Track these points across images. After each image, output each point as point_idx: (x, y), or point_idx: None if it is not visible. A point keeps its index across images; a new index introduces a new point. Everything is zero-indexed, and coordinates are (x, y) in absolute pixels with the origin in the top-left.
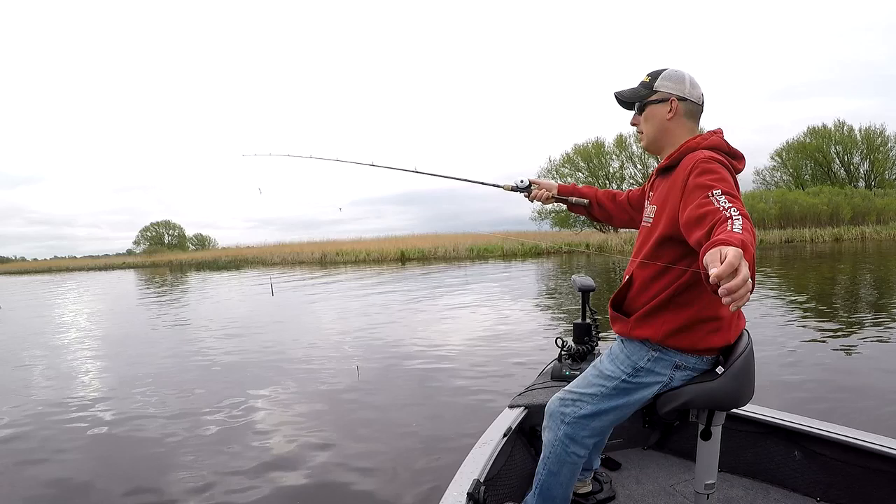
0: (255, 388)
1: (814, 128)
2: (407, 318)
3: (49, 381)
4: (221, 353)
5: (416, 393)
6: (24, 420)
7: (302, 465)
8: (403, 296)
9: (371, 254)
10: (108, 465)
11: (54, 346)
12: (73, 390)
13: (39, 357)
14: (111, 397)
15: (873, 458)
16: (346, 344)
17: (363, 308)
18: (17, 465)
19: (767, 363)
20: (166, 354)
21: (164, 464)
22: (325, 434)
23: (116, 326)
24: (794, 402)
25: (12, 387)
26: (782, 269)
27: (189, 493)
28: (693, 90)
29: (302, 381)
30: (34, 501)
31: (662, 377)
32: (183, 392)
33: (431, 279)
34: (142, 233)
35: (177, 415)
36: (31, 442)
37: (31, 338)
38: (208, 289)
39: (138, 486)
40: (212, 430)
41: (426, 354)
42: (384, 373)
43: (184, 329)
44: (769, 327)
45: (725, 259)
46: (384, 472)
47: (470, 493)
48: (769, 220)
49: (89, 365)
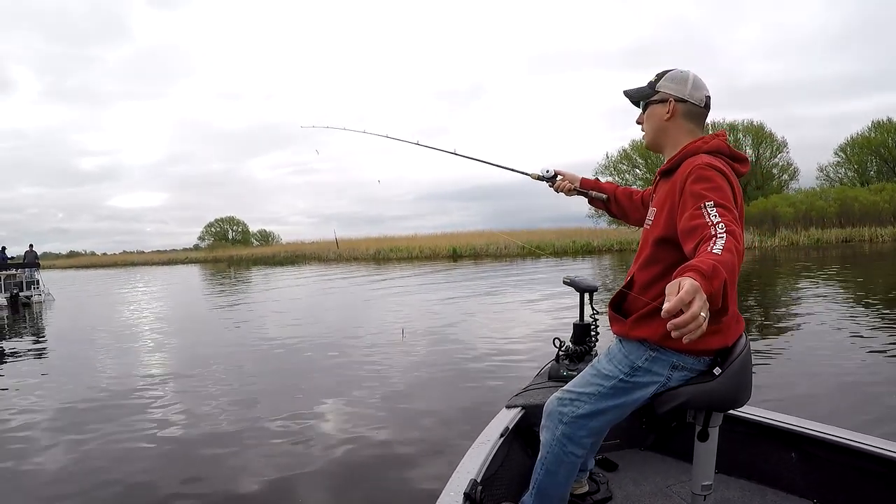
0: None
1: (878, 122)
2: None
3: (112, 368)
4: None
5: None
6: (90, 410)
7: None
8: (457, 292)
9: (424, 250)
10: (171, 454)
11: (110, 338)
12: (135, 381)
13: (103, 348)
14: (172, 390)
15: (870, 460)
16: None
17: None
18: (82, 456)
19: (834, 372)
20: (210, 344)
21: (229, 439)
22: (382, 421)
23: (159, 319)
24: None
25: (81, 377)
26: (842, 269)
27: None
28: (695, 92)
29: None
30: (99, 492)
31: (660, 377)
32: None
33: (484, 277)
34: (206, 228)
35: (238, 401)
36: (96, 432)
37: (81, 331)
38: (257, 282)
39: (202, 472)
40: (267, 416)
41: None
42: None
43: (218, 320)
44: (833, 332)
45: (679, 293)
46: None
47: (467, 493)
48: (828, 218)
49: (140, 358)
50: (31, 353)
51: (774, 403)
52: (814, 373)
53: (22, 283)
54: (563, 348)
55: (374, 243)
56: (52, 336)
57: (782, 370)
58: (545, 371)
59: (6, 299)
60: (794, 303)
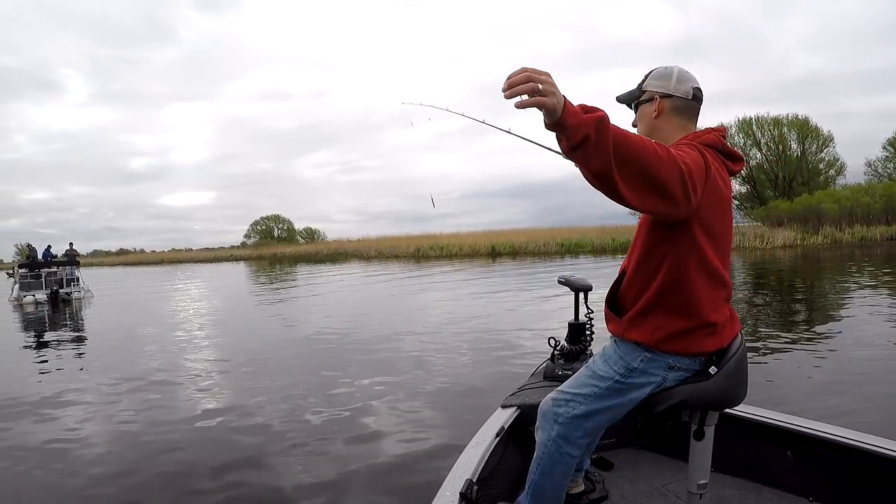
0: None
1: None
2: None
3: (146, 360)
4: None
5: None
6: (139, 401)
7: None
8: (492, 287)
9: (463, 248)
10: (215, 447)
11: (142, 332)
12: (168, 373)
13: (136, 342)
14: (219, 386)
15: (866, 458)
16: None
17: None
18: (125, 445)
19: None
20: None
21: (275, 429)
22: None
23: (192, 314)
24: None
25: (116, 370)
26: (886, 268)
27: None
28: (680, 85)
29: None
30: (143, 479)
31: (656, 378)
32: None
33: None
34: (252, 226)
35: (277, 389)
36: (145, 424)
37: (117, 327)
38: (293, 279)
39: (252, 460)
40: (305, 407)
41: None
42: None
43: (248, 314)
44: (882, 336)
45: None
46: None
47: (462, 493)
48: (874, 214)
49: (171, 351)
50: (68, 346)
51: (817, 413)
52: (863, 381)
53: (62, 280)
54: (558, 347)
55: (414, 241)
56: (90, 330)
57: (829, 378)
58: (540, 370)
59: (47, 296)
60: (839, 305)
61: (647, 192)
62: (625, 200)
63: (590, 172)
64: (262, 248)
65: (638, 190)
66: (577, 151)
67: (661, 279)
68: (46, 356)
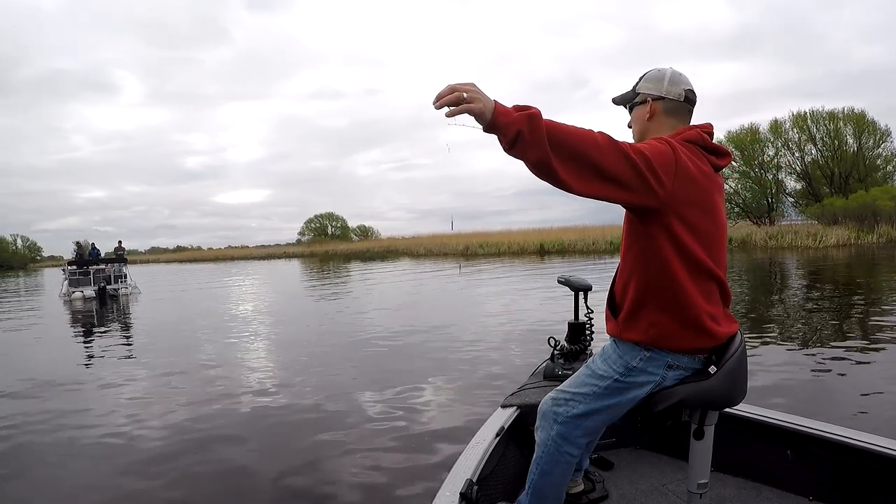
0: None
1: None
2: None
3: (189, 354)
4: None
5: None
6: (196, 394)
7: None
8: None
9: (512, 246)
10: (273, 445)
11: (187, 328)
12: (211, 367)
13: (180, 336)
14: (275, 384)
15: (866, 458)
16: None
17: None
18: (177, 437)
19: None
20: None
21: (326, 432)
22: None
23: (240, 311)
24: None
25: (188, 368)
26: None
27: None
28: (672, 88)
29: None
30: (195, 472)
31: (655, 377)
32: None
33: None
34: (306, 224)
35: (323, 385)
36: (201, 420)
37: (163, 321)
38: (343, 275)
39: (306, 463)
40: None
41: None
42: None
43: (294, 310)
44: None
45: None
46: None
47: (463, 493)
48: None
49: (213, 346)
50: (117, 340)
51: (862, 422)
52: None
53: (110, 276)
54: (557, 347)
55: (464, 239)
56: (136, 325)
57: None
58: (540, 370)
59: (95, 291)
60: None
61: (588, 177)
62: (567, 185)
63: (529, 163)
64: (314, 246)
65: (577, 174)
66: (515, 147)
67: (646, 276)
68: (91, 349)
